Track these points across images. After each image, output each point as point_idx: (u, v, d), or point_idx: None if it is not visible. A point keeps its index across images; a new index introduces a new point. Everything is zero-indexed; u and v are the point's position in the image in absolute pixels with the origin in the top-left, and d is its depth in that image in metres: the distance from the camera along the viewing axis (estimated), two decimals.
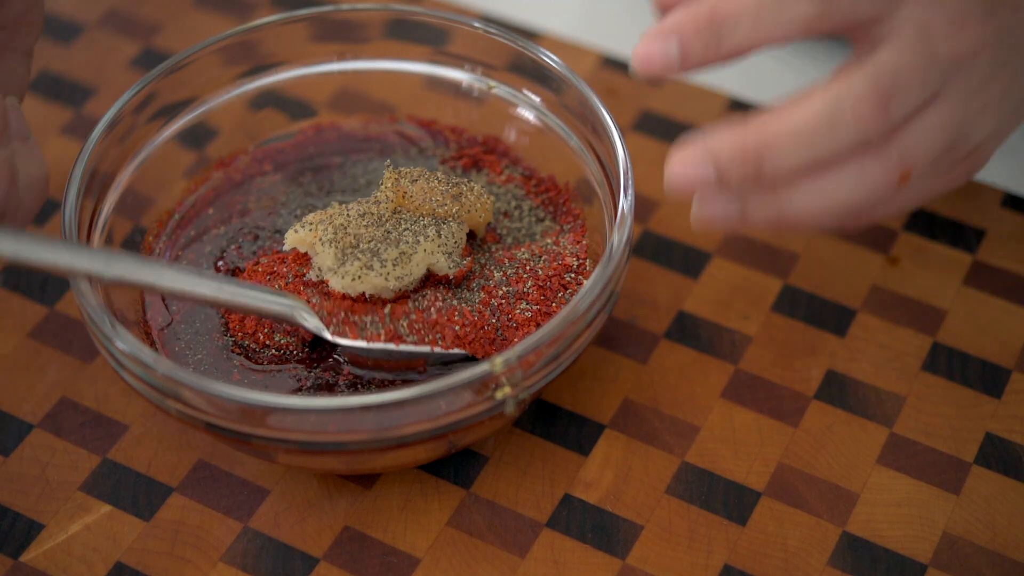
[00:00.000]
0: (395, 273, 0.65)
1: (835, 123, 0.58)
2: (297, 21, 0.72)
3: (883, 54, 0.59)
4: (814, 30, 0.59)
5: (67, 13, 0.87)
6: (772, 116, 0.58)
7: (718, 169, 0.58)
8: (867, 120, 0.58)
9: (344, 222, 0.66)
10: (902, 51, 0.60)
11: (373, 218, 0.66)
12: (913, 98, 0.59)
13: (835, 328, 0.71)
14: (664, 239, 0.75)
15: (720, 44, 0.59)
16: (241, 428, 0.60)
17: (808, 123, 0.58)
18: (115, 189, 0.69)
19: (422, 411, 0.59)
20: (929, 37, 0.60)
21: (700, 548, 0.64)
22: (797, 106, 0.58)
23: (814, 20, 0.59)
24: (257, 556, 0.64)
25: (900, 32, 0.60)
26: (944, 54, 0.60)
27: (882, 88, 0.58)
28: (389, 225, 0.66)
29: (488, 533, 0.65)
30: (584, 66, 0.83)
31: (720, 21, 0.58)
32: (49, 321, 0.72)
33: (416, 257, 0.65)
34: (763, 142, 0.57)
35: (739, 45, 0.59)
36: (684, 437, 0.68)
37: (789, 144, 0.58)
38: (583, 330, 0.61)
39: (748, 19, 0.58)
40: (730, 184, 0.58)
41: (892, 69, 0.59)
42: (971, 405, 0.69)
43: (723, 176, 0.58)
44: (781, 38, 0.59)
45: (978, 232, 0.75)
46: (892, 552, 0.64)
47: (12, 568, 0.64)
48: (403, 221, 0.66)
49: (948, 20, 0.61)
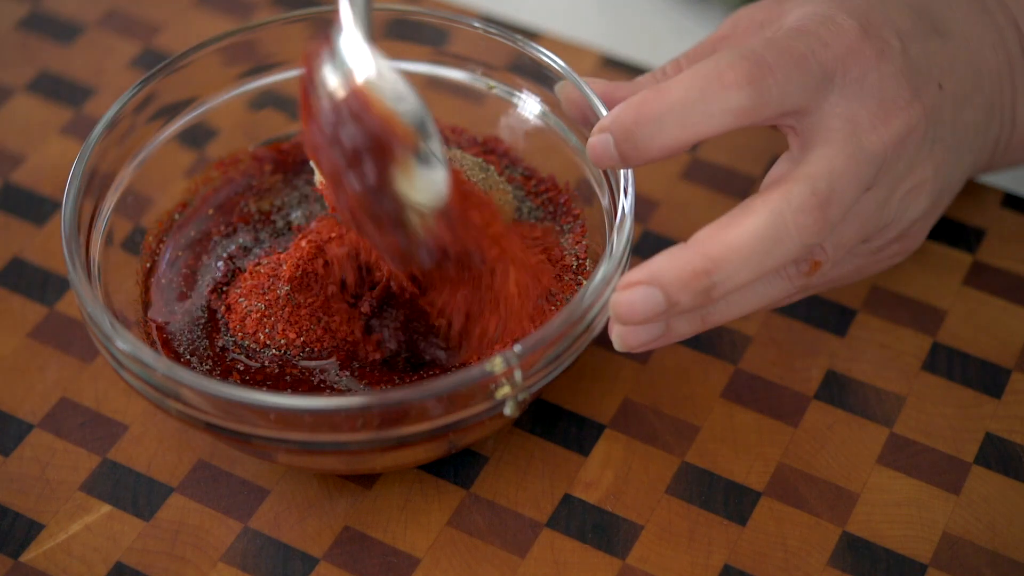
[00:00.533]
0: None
1: (779, 237, 0.58)
2: (297, 21, 0.72)
3: (816, 157, 0.59)
4: (745, 121, 0.59)
5: (67, 13, 0.87)
6: (714, 234, 0.58)
7: (668, 299, 0.57)
8: (809, 230, 0.58)
9: None
10: (835, 153, 0.60)
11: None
12: (850, 199, 0.59)
13: (835, 328, 0.71)
14: (664, 239, 0.75)
15: (648, 143, 0.59)
16: (241, 428, 0.60)
17: (753, 239, 0.57)
18: (115, 189, 0.69)
19: (422, 411, 0.59)
20: (856, 133, 0.60)
21: (700, 548, 0.64)
22: (738, 222, 0.58)
23: (746, 112, 0.59)
24: (257, 556, 0.64)
25: (829, 129, 0.60)
26: (873, 147, 0.60)
27: (821, 196, 0.58)
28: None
29: (488, 533, 0.65)
30: (584, 66, 0.83)
31: (647, 119, 0.58)
32: (49, 321, 0.72)
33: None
34: (712, 263, 0.57)
35: (668, 144, 0.59)
36: (684, 437, 0.68)
37: (738, 263, 0.57)
38: (583, 330, 0.61)
39: (675, 115, 0.58)
40: (681, 311, 0.58)
41: (827, 174, 0.59)
42: (971, 405, 0.69)
43: (674, 305, 0.57)
44: (712, 131, 0.59)
45: (978, 232, 0.75)
46: (892, 552, 0.64)
47: (12, 568, 0.64)
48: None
49: (872, 112, 0.61)
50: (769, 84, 0.59)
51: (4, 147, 0.80)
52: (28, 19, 0.87)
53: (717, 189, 0.77)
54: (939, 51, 0.65)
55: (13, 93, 0.83)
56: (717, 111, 0.58)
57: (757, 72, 0.58)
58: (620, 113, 0.59)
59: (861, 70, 0.61)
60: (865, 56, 0.62)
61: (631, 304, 0.57)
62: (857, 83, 0.61)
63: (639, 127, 0.59)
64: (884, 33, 0.63)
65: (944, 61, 0.65)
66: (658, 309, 0.57)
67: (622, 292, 0.58)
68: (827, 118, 0.60)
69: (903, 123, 0.61)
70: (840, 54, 0.61)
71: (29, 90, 0.83)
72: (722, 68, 0.58)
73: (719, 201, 0.76)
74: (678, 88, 0.58)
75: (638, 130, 0.59)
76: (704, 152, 0.78)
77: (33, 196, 0.78)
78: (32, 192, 0.78)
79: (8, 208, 0.77)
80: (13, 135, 0.81)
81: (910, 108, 0.62)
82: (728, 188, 0.77)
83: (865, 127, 0.61)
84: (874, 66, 0.62)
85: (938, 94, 0.64)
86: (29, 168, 0.79)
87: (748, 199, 0.59)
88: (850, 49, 0.61)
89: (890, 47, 0.62)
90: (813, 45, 0.61)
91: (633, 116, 0.59)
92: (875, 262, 0.67)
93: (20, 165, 0.79)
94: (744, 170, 0.77)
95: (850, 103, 0.61)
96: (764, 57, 0.59)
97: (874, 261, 0.66)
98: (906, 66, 0.62)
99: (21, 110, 0.82)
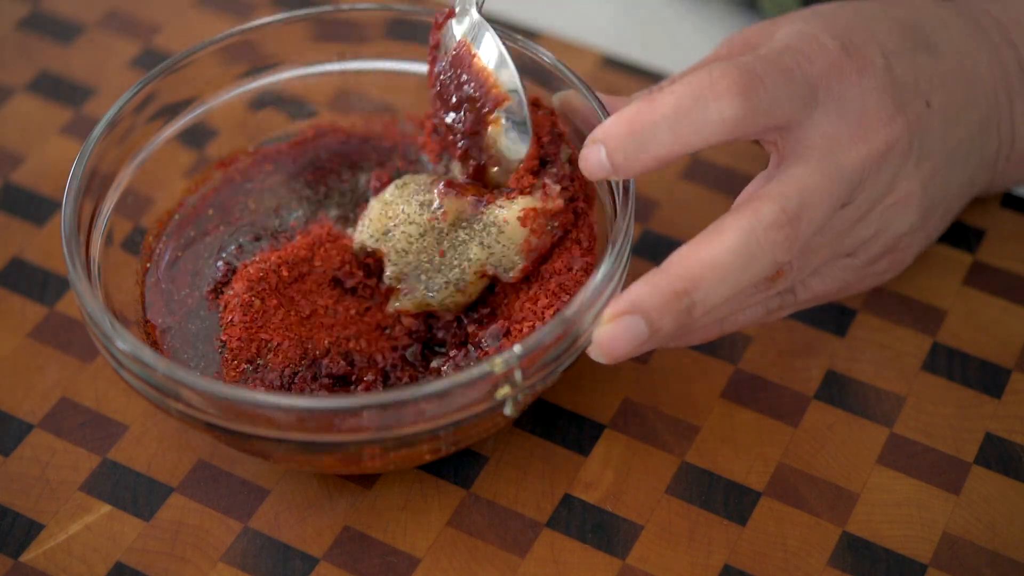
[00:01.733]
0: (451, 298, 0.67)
1: (752, 253, 0.58)
2: (297, 21, 0.72)
3: (788, 176, 0.60)
4: (736, 132, 0.59)
5: (67, 13, 0.87)
6: (689, 253, 0.58)
7: (652, 326, 0.58)
8: (781, 246, 0.59)
9: (405, 246, 0.66)
10: (810, 171, 0.60)
11: (433, 236, 0.66)
12: (821, 216, 0.60)
13: (835, 328, 0.71)
14: (664, 239, 0.75)
15: (641, 153, 0.59)
16: (241, 428, 0.60)
17: (727, 256, 0.58)
18: (115, 189, 0.69)
19: (422, 411, 0.59)
20: (833, 151, 0.61)
21: (700, 548, 0.64)
22: (712, 241, 0.58)
23: (737, 122, 0.59)
24: (257, 556, 0.64)
25: (808, 147, 0.61)
26: (850, 164, 0.61)
27: (790, 213, 0.59)
28: (446, 243, 0.66)
29: (488, 533, 0.65)
30: (584, 66, 0.83)
31: (639, 129, 0.59)
32: (49, 321, 0.72)
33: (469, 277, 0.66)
34: (689, 282, 0.58)
35: (660, 154, 0.59)
36: (684, 437, 0.68)
37: (714, 280, 0.58)
38: (583, 331, 0.61)
39: (667, 124, 0.59)
40: (664, 336, 0.58)
41: (798, 192, 0.59)
42: (971, 405, 0.69)
43: (656, 332, 0.58)
44: (703, 142, 0.59)
45: (978, 232, 0.75)
46: (892, 552, 0.64)
47: (12, 568, 0.64)
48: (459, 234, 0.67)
49: (852, 129, 0.62)
50: (760, 94, 0.59)
51: (4, 147, 0.80)
52: (28, 19, 0.87)
53: (717, 189, 0.77)
54: (928, 67, 0.65)
55: (13, 93, 0.83)
56: (709, 121, 0.59)
57: (748, 82, 0.59)
58: (612, 124, 0.59)
59: (842, 87, 0.62)
60: (846, 73, 0.62)
61: (614, 338, 0.58)
62: (838, 100, 0.62)
63: (631, 137, 0.59)
64: (867, 51, 0.63)
65: (934, 77, 0.65)
66: (641, 338, 0.58)
67: (605, 326, 0.58)
68: (808, 135, 0.61)
69: (882, 139, 0.62)
70: (823, 70, 0.62)
71: (29, 90, 0.83)
72: (714, 77, 0.59)
73: (719, 201, 0.76)
74: (670, 97, 0.59)
75: (630, 140, 0.59)
76: (704, 152, 0.78)
77: (33, 196, 0.78)
78: (32, 192, 0.78)
79: (8, 208, 0.77)
80: (13, 135, 0.81)
81: (892, 124, 0.62)
82: (728, 188, 0.77)
83: (844, 144, 0.61)
84: (855, 83, 0.62)
85: (924, 110, 0.64)
86: (29, 168, 0.79)
87: (720, 217, 0.59)
88: (832, 65, 0.62)
89: (872, 64, 0.63)
90: (798, 59, 0.62)
91: (626, 126, 0.59)
92: (864, 277, 0.67)
93: (20, 165, 0.79)
94: (744, 170, 0.77)
95: (831, 120, 0.61)
96: (754, 68, 0.60)
97: (863, 276, 0.67)
98: (889, 82, 0.63)
99: (21, 110, 0.82)
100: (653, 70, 0.82)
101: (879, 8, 0.67)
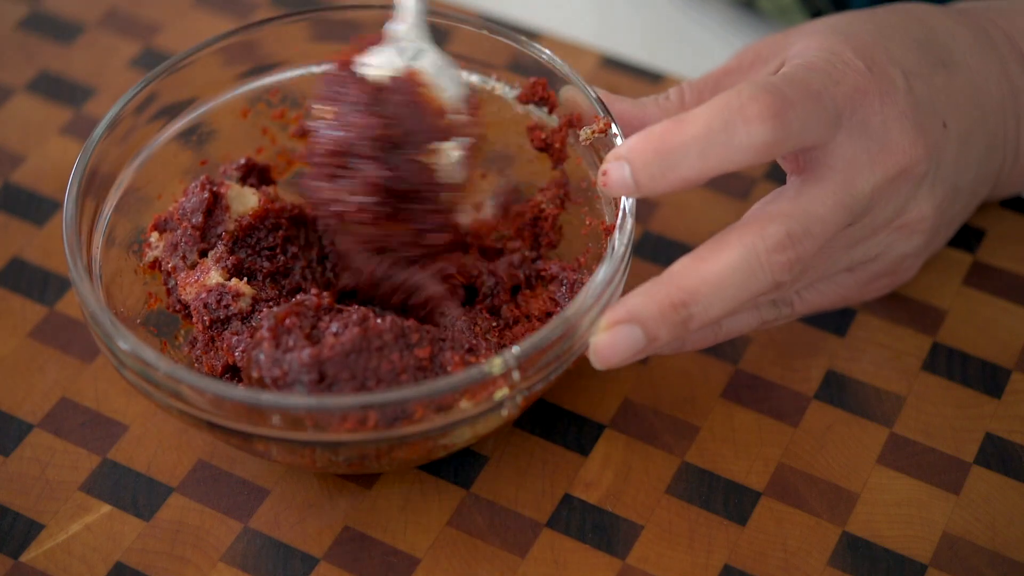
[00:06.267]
0: None
1: (753, 272, 0.59)
2: (297, 21, 0.72)
3: (802, 198, 0.60)
4: (765, 156, 0.59)
5: (67, 13, 0.87)
6: (690, 265, 0.58)
7: (648, 335, 0.58)
8: (782, 267, 0.59)
9: None
10: (824, 196, 0.60)
11: None
12: (824, 240, 0.60)
13: (835, 328, 0.71)
14: (664, 239, 0.75)
15: (668, 174, 0.58)
16: (242, 427, 0.60)
17: (727, 273, 0.58)
18: (115, 189, 0.69)
19: (422, 411, 0.59)
20: (851, 176, 0.61)
21: (700, 548, 0.64)
22: (714, 256, 0.58)
23: (768, 146, 0.58)
24: (257, 556, 0.64)
25: (828, 167, 0.61)
26: (865, 189, 0.61)
27: (795, 237, 0.59)
28: None
29: (488, 533, 0.65)
30: (584, 66, 0.83)
31: (668, 150, 0.58)
32: (49, 321, 0.72)
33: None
34: (688, 294, 0.58)
35: (687, 176, 0.58)
36: (684, 437, 0.68)
37: (712, 294, 0.58)
38: (582, 332, 0.61)
39: (697, 146, 0.58)
40: (660, 345, 0.59)
41: (805, 215, 0.59)
42: (971, 405, 0.69)
43: (653, 341, 0.58)
44: (731, 166, 0.59)
45: (978, 232, 0.75)
46: (892, 552, 0.64)
47: (12, 568, 0.64)
48: None
49: (873, 155, 0.61)
50: (791, 118, 0.58)
51: (4, 147, 0.80)
52: (28, 19, 0.87)
53: (717, 189, 0.77)
54: (945, 86, 0.65)
55: (13, 93, 0.83)
56: (738, 145, 0.58)
57: (780, 107, 0.58)
58: (638, 142, 0.58)
59: (865, 112, 0.62)
60: (870, 96, 0.62)
61: (611, 345, 0.58)
62: (861, 125, 0.62)
63: (658, 157, 0.58)
64: (889, 71, 0.63)
65: (949, 96, 0.65)
66: (638, 346, 0.58)
67: (602, 334, 0.58)
68: (829, 156, 0.61)
69: (901, 164, 0.62)
70: (848, 92, 0.62)
71: (29, 90, 0.83)
72: (744, 101, 0.58)
73: (719, 201, 0.76)
74: (700, 119, 0.58)
75: (657, 160, 0.58)
76: None
77: (33, 196, 0.78)
78: (32, 192, 0.78)
79: (8, 208, 0.77)
80: (13, 135, 0.81)
81: (913, 149, 0.62)
82: (728, 188, 0.77)
83: (863, 169, 0.61)
84: (878, 109, 0.62)
85: (942, 132, 0.64)
86: (29, 168, 0.79)
87: (726, 230, 0.59)
88: (856, 89, 0.62)
89: (894, 87, 0.63)
90: (826, 82, 0.61)
91: (654, 146, 0.58)
92: (863, 293, 0.67)
93: (20, 165, 0.79)
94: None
95: (853, 142, 0.61)
96: (784, 91, 0.59)
97: (862, 292, 0.67)
98: (910, 107, 0.63)
99: (21, 110, 0.82)
100: (653, 70, 0.83)
101: (896, 21, 0.66)
